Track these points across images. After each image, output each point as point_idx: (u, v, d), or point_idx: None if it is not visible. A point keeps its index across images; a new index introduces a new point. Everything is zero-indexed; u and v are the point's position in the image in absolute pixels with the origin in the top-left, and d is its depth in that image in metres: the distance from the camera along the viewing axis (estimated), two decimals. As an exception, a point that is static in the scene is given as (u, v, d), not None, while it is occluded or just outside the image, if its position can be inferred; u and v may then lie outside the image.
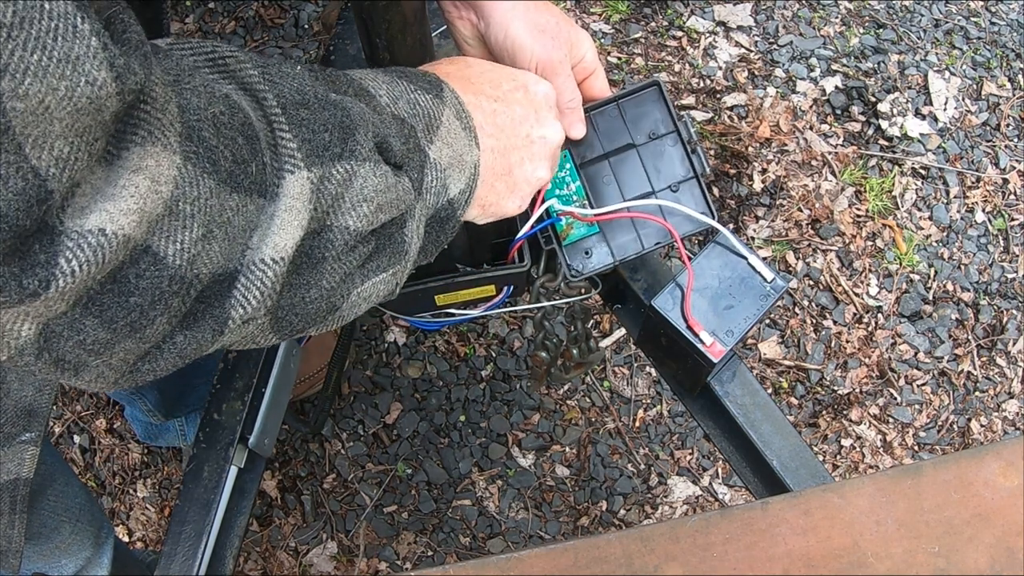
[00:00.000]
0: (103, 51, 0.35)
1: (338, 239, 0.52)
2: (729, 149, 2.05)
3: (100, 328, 0.41)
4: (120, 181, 0.39)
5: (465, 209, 0.65)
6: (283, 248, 0.48)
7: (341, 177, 0.51)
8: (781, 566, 0.69)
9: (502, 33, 0.81)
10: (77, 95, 0.35)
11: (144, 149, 0.40)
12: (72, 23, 0.34)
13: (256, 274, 0.48)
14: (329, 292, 0.53)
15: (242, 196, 0.45)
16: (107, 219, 0.38)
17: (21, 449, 0.75)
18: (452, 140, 0.62)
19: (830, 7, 2.27)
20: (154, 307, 0.43)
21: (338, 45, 1.23)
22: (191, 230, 0.42)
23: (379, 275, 0.57)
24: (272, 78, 0.50)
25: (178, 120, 0.42)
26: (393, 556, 1.70)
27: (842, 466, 1.81)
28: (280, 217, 0.48)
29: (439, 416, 1.80)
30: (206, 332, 0.47)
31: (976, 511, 0.72)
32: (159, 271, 0.42)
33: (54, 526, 1.10)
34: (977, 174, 2.08)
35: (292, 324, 0.53)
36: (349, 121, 0.52)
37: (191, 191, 0.42)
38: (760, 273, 0.92)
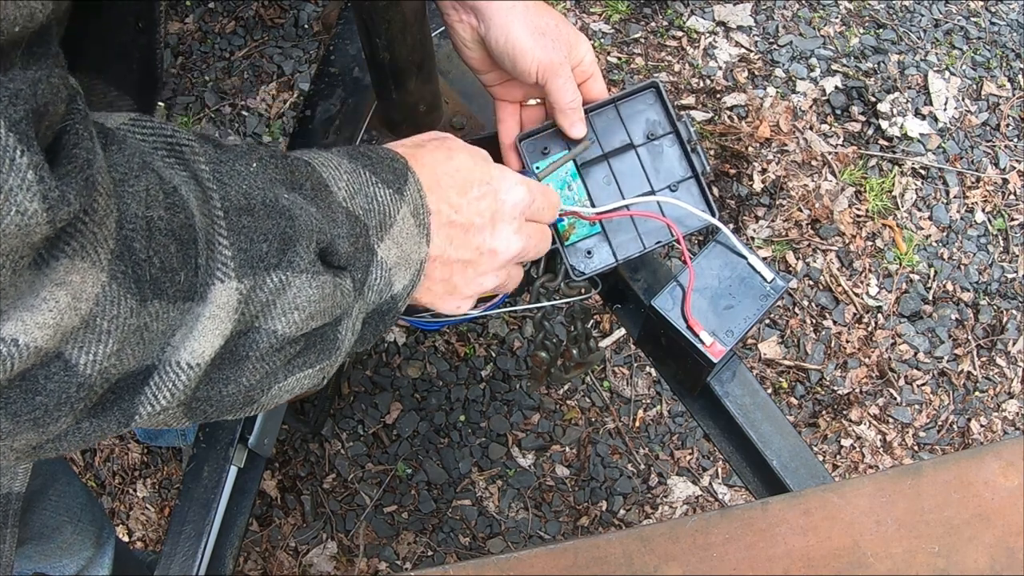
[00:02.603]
0: (38, 184, 0.36)
1: (263, 341, 0.52)
2: (729, 149, 2.06)
3: (4, 419, 0.42)
4: (43, 292, 0.39)
5: (406, 302, 0.64)
6: (200, 354, 0.48)
7: (274, 286, 0.51)
8: (781, 566, 0.69)
9: (503, 36, 0.81)
10: (5, 223, 0.35)
11: (73, 263, 0.40)
12: (10, 156, 0.35)
13: (170, 375, 0.48)
14: (248, 388, 0.53)
15: (164, 303, 0.46)
16: (22, 329, 0.39)
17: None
18: (403, 239, 0.61)
19: (830, 7, 2.27)
20: (59, 408, 0.43)
21: (338, 45, 1.23)
22: (106, 344, 0.43)
23: (305, 371, 0.57)
24: (222, 177, 0.50)
25: (113, 236, 0.42)
26: (393, 556, 1.70)
27: (842, 466, 1.81)
28: (203, 324, 0.48)
29: (439, 416, 1.80)
30: (112, 423, 0.48)
31: (976, 511, 0.72)
32: (68, 377, 0.42)
33: (56, 526, 1.10)
34: (977, 174, 2.08)
35: (207, 413, 0.53)
36: (292, 231, 0.52)
37: (111, 309, 0.42)
38: (760, 273, 0.92)
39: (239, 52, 2.15)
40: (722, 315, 0.91)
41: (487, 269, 0.71)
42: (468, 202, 0.67)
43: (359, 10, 0.93)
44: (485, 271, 0.71)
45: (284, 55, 2.14)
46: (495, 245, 0.70)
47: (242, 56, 2.15)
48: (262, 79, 2.12)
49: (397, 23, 0.92)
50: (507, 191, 0.70)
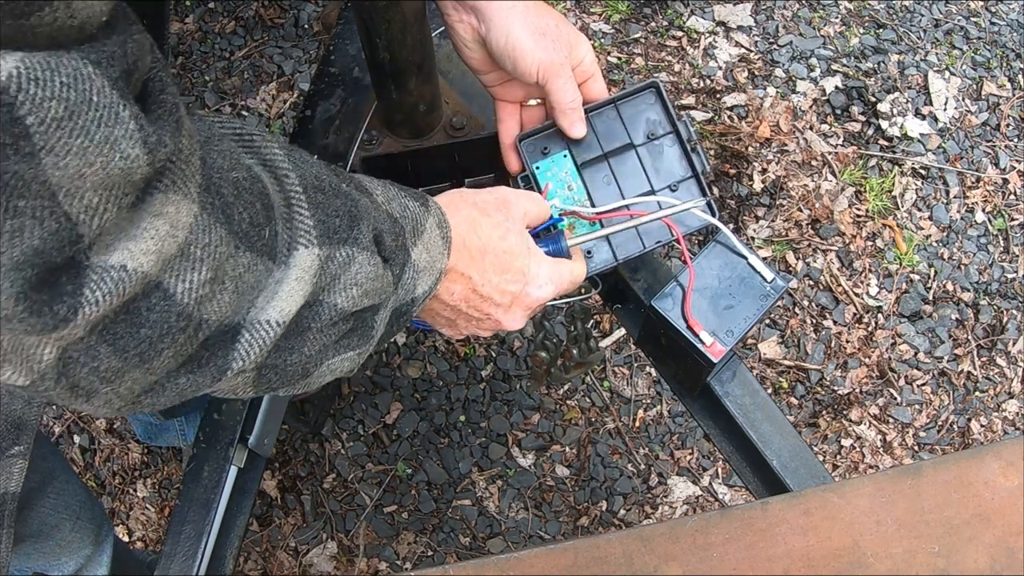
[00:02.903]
0: (139, 132, 0.40)
1: (325, 314, 0.56)
2: (729, 149, 2.06)
3: (113, 356, 0.45)
4: (143, 223, 0.43)
5: (420, 307, 0.69)
6: (286, 313, 0.53)
7: (342, 260, 0.56)
8: (781, 566, 0.69)
9: (503, 37, 0.81)
10: (111, 167, 0.39)
11: (166, 196, 0.44)
12: (115, 111, 0.39)
13: (260, 332, 0.52)
14: (307, 359, 0.58)
15: (254, 255, 0.50)
16: (128, 257, 0.42)
17: (10, 463, 0.75)
18: (431, 247, 0.67)
19: (830, 7, 2.27)
20: (162, 340, 0.46)
21: (338, 45, 1.23)
22: (199, 272, 0.46)
23: (347, 352, 0.62)
24: (295, 161, 0.56)
25: (199, 173, 0.46)
26: (393, 556, 1.70)
27: (842, 466, 1.81)
28: (289, 285, 0.52)
29: (439, 416, 1.80)
30: (207, 377, 0.52)
31: (976, 511, 0.72)
32: (168, 306, 0.45)
33: (55, 523, 1.10)
34: (977, 174, 2.08)
35: (270, 382, 0.57)
36: (356, 211, 0.58)
37: (203, 237, 0.46)
38: (760, 273, 0.92)
39: (239, 52, 2.15)
40: (722, 315, 0.91)
41: (488, 328, 0.80)
42: (500, 281, 0.75)
43: (359, 10, 0.93)
44: (486, 328, 0.80)
45: (284, 55, 2.14)
46: (502, 318, 0.78)
47: (242, 56, 2.15)
48: (262, 79, 2.12)
49: (397, 23, 0.92)
50: (536, 288, 0.78)
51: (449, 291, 0.73)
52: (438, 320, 0.78)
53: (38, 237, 0.38)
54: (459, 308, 0.75)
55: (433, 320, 0.78)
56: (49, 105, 0.36)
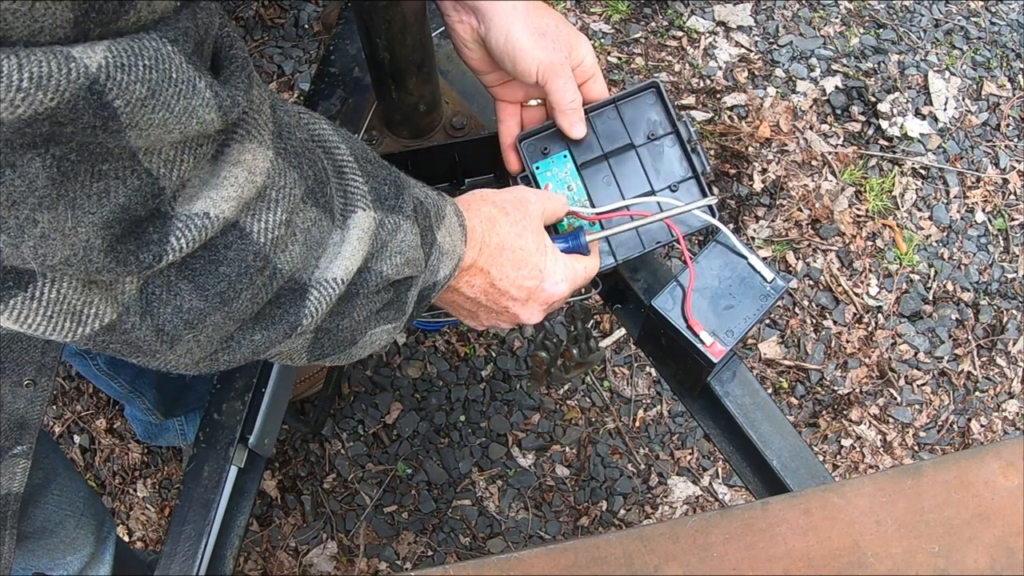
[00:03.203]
0: (214, 99, 0.42)
1: (372, 280, 0.58)
2: (729, 149, 2.06)
3: (194, 295, 0.47)
4: (222, 172, 0.45)
5: (438, 293, 0.71)
6: (349, 271, 0.55)
7: (392, 226, 0.58)
8: (781, 566, 0.69)
9: (503, 37, 0.81)
10: (189, 131, 0.42)
11: (243, 145, 0.46)
12: (192, 84, 0.41)
13: (326, 289, 0.54)
14: (355, 325, 0.60)
15: (319, 211, 0.52)
16: (211, 205, 0.45)
17: (13, 463, 0.75)
18: (451, 232, 0.69)
19: (830, 7, 2.27)
20: (240, 280, 0.48)
21: (338, 45, 1.23)
22: (275, 213, 0.49)
23: (385, 325, 0.64)
24: (343, 135, 0.58)
25: (271, 120, 0.49)
26: (393, 556, 1.70)
27: (842, 466, 1.81)
28: (351, 245, 0.55)
29: (439, 416, 1.80)
30: (279, 333, 0.54)
31: (976, 511, 0.72)
32: (244, 244, 0.48)
33: (58, 520, 1.10)
34: (977, 174, 2.08)
35: (323, 348, 0.60)
36: (400, 181, 0.61)
37: (279, 180, 0.49)
38: (760, 273, 0.92)
39: (239, 52, 2.15)
40: (722, 315, 0.91)
41: (505, 321, 0.82)
42: (517, 276, 0.77)
43: (359, 10, 0.93)
44: (505, 320, 0.82)
45: (284, 55, 2.14)
46: (519, 313, 0.80)
47: (242, 56, 2.15)
48: (262, 79, 2.12)
49: (397, 23, 0.92)
50: (552, 284, 0.80)
51: (470, 284, 0.75)
52: (461, 311, 0.81)
53: (123, 195, 0.40)
54: (479, 300, 0.77)
55: (456, 311, 0.81)
56: (134, 88, 0.38)
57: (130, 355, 0.50)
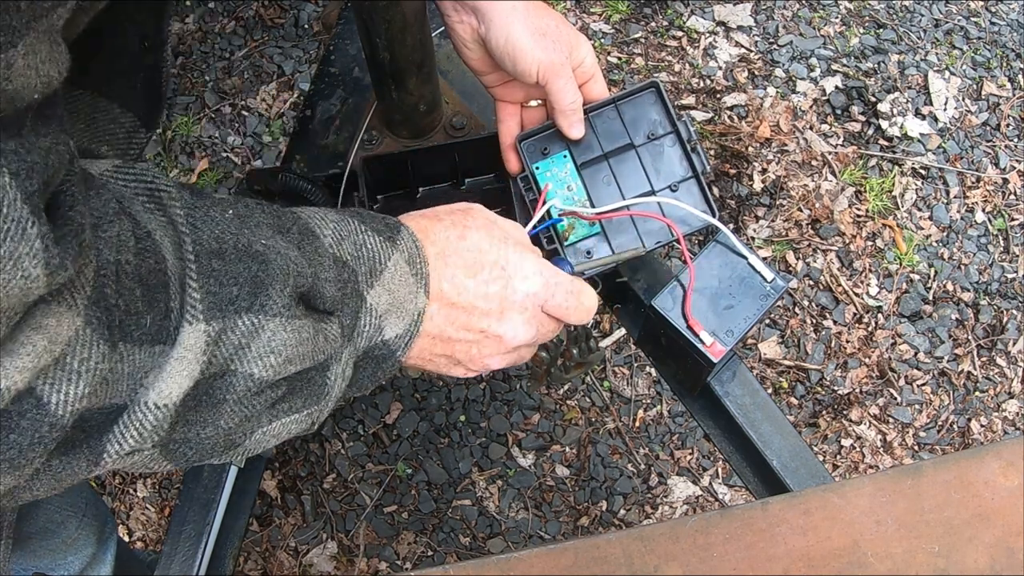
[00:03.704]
0: (43, 252, 0.39)
1: (240, 384, 0.52)
2: (729, 149, 2.06)
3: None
4: (20, 338, 0.41)
5: (406, 351, 0.63)
6: (167, 395, 0.48)
7: (245, 329, 0.51)
8: (781, 566, 0.69)
9: (503, 37, 0.81)
10: (11, 287, 0.38)
11: (49, 307, 0.42)
12: (23, 226, 0.37)
13: (137, 415, 0.48)
14: (228, 431, 0.53)
15: (129, 346, 0.47)
16: (2, 375, 0.40)
17: None
18: (395, 286, 0.61)
19: (830, 7, 2.27)
20: (33, 448, 0.44)
21: (338, 45, 1.24)
22: (77, 385, 0.44)
23: (291, 416, 0.57)
24: (195, 221, 0.51)
25: (90, 284, 0.44)
26: (393, 556, 1.70)
27: (842, 466, 1.81)
28: (170, 365, 0.48)
29: (439, 416, 1.80)
30: (81, 462, 0.48)
31: (976, 511, 0.72)
32: (40, 416, 0.43)
33: (60, 521, 1.10)
34: (977, 174, 2.08)
35: (187, 456, 0.53)
36: (265, 275, 0.52)
37: (82, 351, 0.44)
38: (760, 273, 0.92)
39: (239, 52, 2.15)
40: (722, 315, 0.91)
41: (492, 352, 0.69)
42: (476, 284, 0.66)
43: (359, 10, 0.93)
44: (491, 353, 0.69)
45: (284, 55, 2.14)
46: (501, 331, 0.68)
47: (242, 56, 2.15)
48: (262, 79, 2.12)
49: (397, 23, 0.92)
50: (522, 279, 0.68)
51: (428, 315, 0.64)
52: (438, 363, 0.69)
53: None
54: (447, 335, 0.66)
55: (435, 365, 0.69)
56: None
57: None
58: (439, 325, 0.65)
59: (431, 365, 0.68)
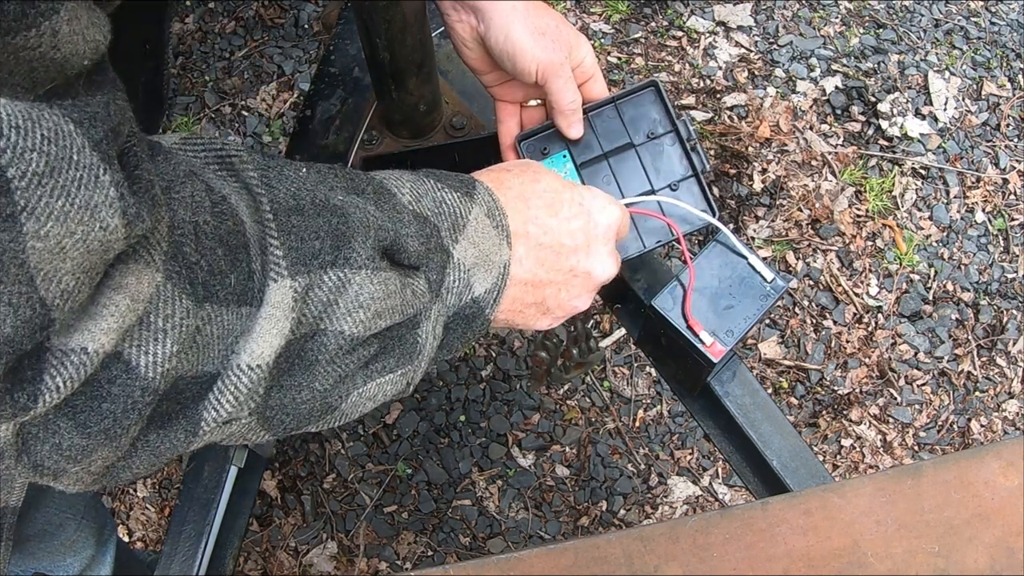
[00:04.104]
0: (119, 200, 0.38)
1: (331, 343, 0.51)
2: (729, 149, 2.06)
3: (75, 432, 0.42)
4: (102, 300, 0.40)
5: (495, 308, 0.63)
6: (260, 355, 0.48)
7: (332, 284, 0.50)
8: (781, 566, 0.69)
9: (502, 36, 0.81)
10: (91, 238, 0.37)
11: (127, 267, 0.41)
12: (95, 173, 0.37)
13: (231, 379, 0.48)
14: (323, 393, 0.53)
15: (215, 306, 0.46)
16: (89, 338, 0.40)
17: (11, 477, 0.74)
18: (480, 239, 0.61)
19: (830, 7, 2.27)
20: (127, 415, 0.43)
21: (338, 45, 1.24)
22: (164, 344, 0.43)
23: (385, 376, 0.56)
24: (270, 181, 0.51)
25: (166, 239, 0.43)
26: (393, 556, 1.70)
27: (842, 466, 1.81)
28: (260, 324, 0.48)
29: (439, 416, 1.80)
30: (179, 433, 0.47)
31: (976, 511, 0.72)
32: (131, 380, 0.42)
33: (59, 523, 1.10)
34: (977, 174, 2.08)
35: (284, 423, 0.53)
36: (345, 228, 0.52)
37: (166, 308, 0.43)
38: (760, 273, 0.92)
39: (239, 52, 2.15)
40: (722, 315, 0.90)
41: (581, 291, 0.70)
42: (559, 222, 0.67)
43: (359, 10, 0.93)
44: (579, 293, 0.70)
45: (284, 55, 2.14)
46: (589, 267, 0.69)
47: (242, 56, 2.15)
48: (262, 79, 2.12)
49: (397, 23, 0.92)
50: (600, 211, 0.70)
51: (517, 259, 0.64)
52: (527, 313, 0.68)
53: (10, 326, 0.36)
54: (538, 278, 0.66)
55: (523, 317, 0.68)
56: (31, 157, 0.34)
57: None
58: (530, 268, 0.66)
59: (520, 317, 0.68)
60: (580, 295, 0.70)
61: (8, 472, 0.43)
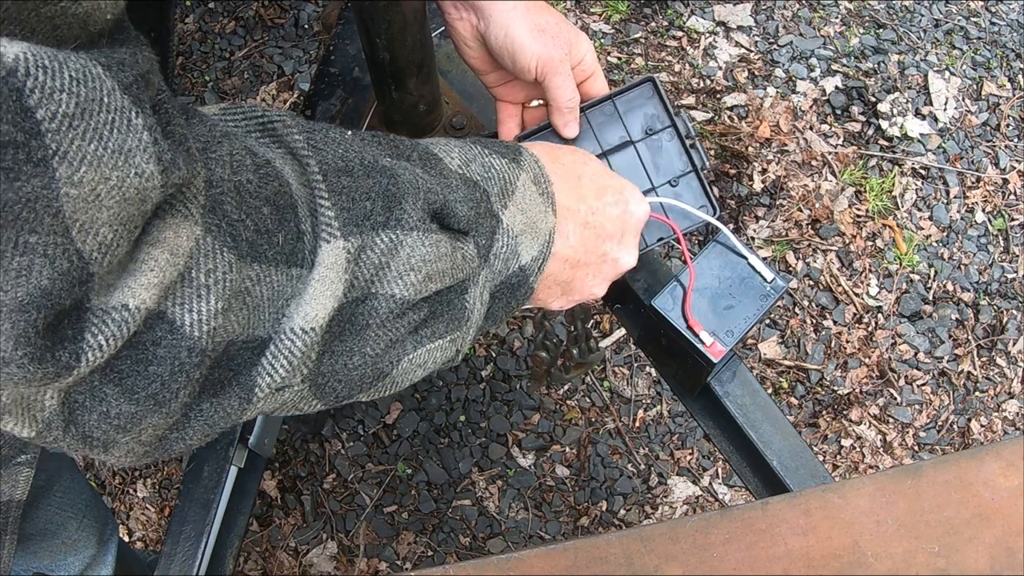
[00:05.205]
0: (153, 145, 0.37)
1: (382, 307, 0.50)
2: (729, 149, 2.06)
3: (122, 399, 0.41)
4: (140, 255, 0.39)
5: (538, 276, 0.63)
6: (313, 318, 0.47)
7: (384, 246, 0.50)
8: (781, 566, 0.69)
9: (502, 33, 0.81)
10: (126, 185, 0.36)
11: (164, 222, 0.40)
12: (127, 117, 0.36)
13: (285, 343, 0.47)
14: (375, 359, 0.52)
15: (264, 266, 0.45)
16: (129, 295, 0.39)
17: (16, 471, 0.74)
18: (527, 205, 0.61)
19: (830, 7, 2.27)
20: (175, 379, 0.42)
21: (338, 45, 1.24)
22: (207, 301, 0.42)
23: (435, 341, 0.56)
24: (317, 144, 0.50)
25: (202, 193, 0.42)
26: (393, 556, 1.70)
27: (842, 466, 1.81)
28: (313, 287, 0.47)
29: (439, 416, 1.80)
30: (233, 400, 0.46)
31: (976, 511, 0.72)
32: (176, 340, 0.41)
33: (60, 522, 1.10)
34: (977, 174, 2.08)
35: (336, 391, 0.52)
36: (396, 189, 0.51)
37: (207, 263, 0.42)
38: (760, 273, 0.92)
39: (239, 52, 2.15)
40: (722, 315, 0.90)
41: (604, 278, 0.72)
42: (603, 206, 0.68)
43: (359, 10, 0.93)
44: (602, 280, 0.72)
45: (284, 55, 2.14)
46: (618, 255, 0.71)
47: (242, 56, 2.15)
48: (262, 79, 2.12)
49: (397, 23, 0.92)
50: (636, 204, 0.72)
51: (564, 237, 0.65)
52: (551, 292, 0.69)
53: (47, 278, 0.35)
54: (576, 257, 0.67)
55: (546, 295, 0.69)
56: (60, 98, 0.33)
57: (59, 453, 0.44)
58: (574, 246, 0.66)
59: (543, 294, 0.69)
60: (602, 282, 0.72)
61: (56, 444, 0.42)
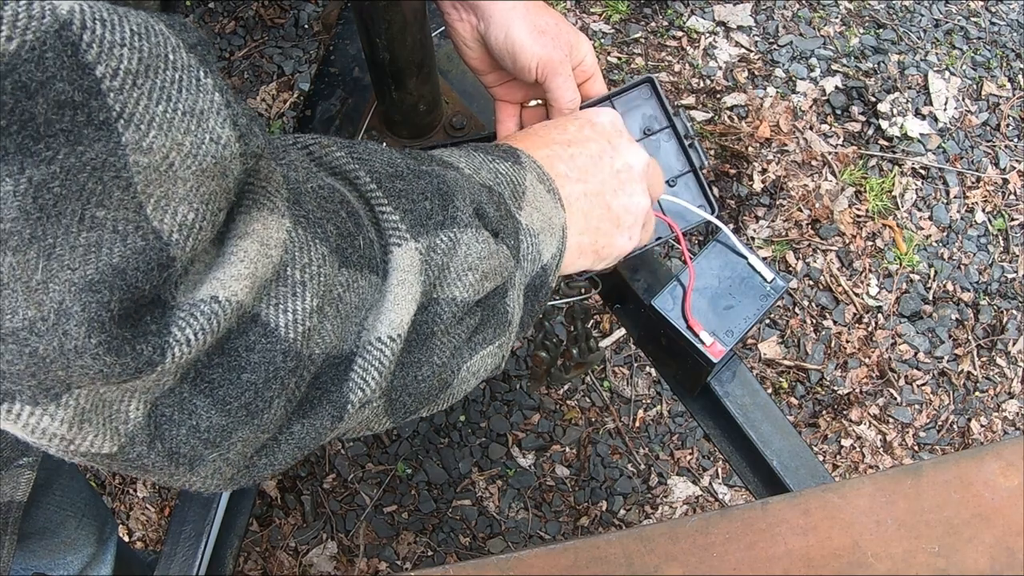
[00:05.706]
0: (226, 108, 0.34)
1: (446, 312, 0.49)
2: (729, 149, 2.06)
3: (213, 410, 0.38)
4: (228, 249, 0.37)
5: (555, 275, 0.63)
6: (399, 325, 0.45)
7: (446, 246, 0.48)
8: (781, 566, 0.69)
9: (502, 34, 0.81)
10: (202, 153, 0.33)
11: (250, 215, 0.38)
12: (196, 75, 0.33)
13: (374, 354, 0.45)
14: (440, 368, 0.51)
15: (351, 271, 0.43)
16: (219, 287, 0.36)
17: (17, 473, 0.74)
18: (540, 204, 0.61)
19: (830, 7, 2.27)
20: (269, 386, 0.39)
21: (338, 45, 1.24)
22: (303, 299, 0.39)
23: (486, 348, 0.55)
24: (360, 155, 0.49)
25: (284, 187, 0.40)
26: (393, 556, 1.70)
27: (842, 466, 1.81)
28: (393, 292, 0.45)
29: (439, 416, 1.80)
30: (324, 419, 0.44)
31: (976, 511, 0.72)
32: (271, 343, 0.38)
33: (60, 520, 1.10)
34: (977, 174, 2.08)
35: (406, 405, 0.50)
36: (446, 187, 0.50)
37: (301, 257, 0.39)
38: (760, 273, 0.92)
39: (239, 52, 2.15)
40: (722, 315, 0.90)
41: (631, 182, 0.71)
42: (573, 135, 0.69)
43: (359, 10, 0.93)
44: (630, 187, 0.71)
45: (284, 55, 2.14)
46: (625, 159, 0.71)
47: (242, 56, 2.15)
48: (262, 79, 2.12)
49: (397, 23, 0.92)
50: (596, 115, 0.73)
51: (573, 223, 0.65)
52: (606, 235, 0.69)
53: (119, 255, 0.31)
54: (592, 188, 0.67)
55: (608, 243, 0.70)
56: (121, 53, 0.29)
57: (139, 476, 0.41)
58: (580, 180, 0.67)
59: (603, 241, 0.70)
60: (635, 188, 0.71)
61: (140, 460, 0.39)
